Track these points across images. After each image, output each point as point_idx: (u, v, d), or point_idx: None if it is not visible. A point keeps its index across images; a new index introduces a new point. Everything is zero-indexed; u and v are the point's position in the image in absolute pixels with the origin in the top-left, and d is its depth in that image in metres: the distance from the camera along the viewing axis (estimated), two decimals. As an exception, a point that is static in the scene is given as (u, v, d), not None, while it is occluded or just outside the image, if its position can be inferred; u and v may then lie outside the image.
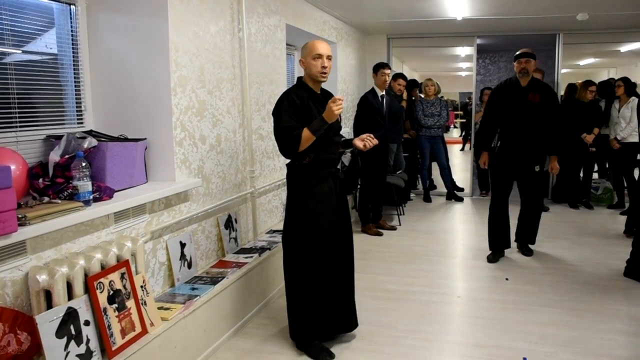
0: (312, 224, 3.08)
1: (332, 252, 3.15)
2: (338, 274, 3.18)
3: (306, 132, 2.93)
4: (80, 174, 2.43)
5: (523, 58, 4.58)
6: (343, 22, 6.78)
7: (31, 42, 2.80)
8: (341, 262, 3.22)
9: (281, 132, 2.97)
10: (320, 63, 3.06)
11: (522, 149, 4.67)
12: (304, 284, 3.11)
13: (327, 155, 3.14)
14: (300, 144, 2.93)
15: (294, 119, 2.97)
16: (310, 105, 3.06)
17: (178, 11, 3.14)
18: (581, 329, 3.45)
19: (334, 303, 3.18)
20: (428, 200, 7.71)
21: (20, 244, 2.16)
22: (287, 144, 2.97)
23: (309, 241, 3.08)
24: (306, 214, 3.08)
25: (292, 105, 3.00)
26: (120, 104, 3.14)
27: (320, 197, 3.10)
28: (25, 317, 2.13)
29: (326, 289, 3.14)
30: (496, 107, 4.80)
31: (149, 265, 3.00)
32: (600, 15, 6.32)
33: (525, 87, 4.62)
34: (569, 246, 5.31)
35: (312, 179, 3.10)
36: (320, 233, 3.09)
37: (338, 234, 3.20)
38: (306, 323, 3.13)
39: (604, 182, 7.38)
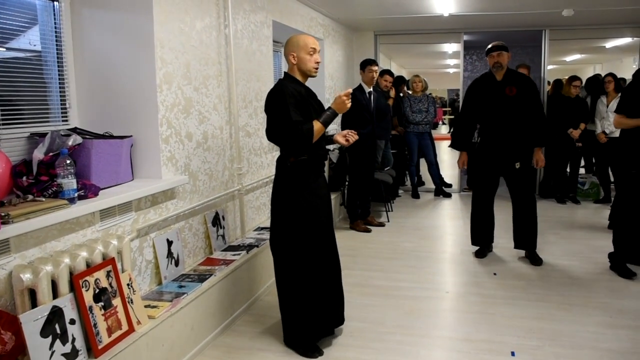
0: (313, 220, 3.06)
1: (329, 247, 3.17)
2: (332, 269, 3.20)
3: (317, 125, 2.95)
4: (65, 172, 2.40)
5: (495, 52, 4.49)
6: (330, 19, 6.77)
7: (14, 39, 2.77)
8: (332, 257, 3.23)
9: (292, 127, 2.89)
10: (315, 58, 3.08)
11: (502, 145, 4.57)
12: (304, 283, 3.07)
13: (322, 151, 3.16)
14: (313, 137, 2.93)
15: (300, 114, 2.94)
16: (307, 99, 3.05)
17: (163, 7, 3.11)
18: (568, 322, 3.47)
19: (331, 298, 3.19)
20: (416, 196, 7.73)
21: (4, 243, 2.13)
22: (299, 139, 2.90)
23: (309, 238, 3.06)
24: (306, 209, 3.05)
25: (293, 98, 2.95)
26: (105, 101, 3.11)
27: (318, 193, 3.11)
28: (9, 317, 2.10)
29: (324, 285, 3.13)
30: (472, 103, 4.74)
31: (135, 263, 2.98)
32: (585, 11, 6.36)
33: (501, 81, 4.53)
34: (556, 241, 5.35)
35: (310, 175, 3.09)
36: (320, 229, 3.10)
37: (328, 231, 3.20)
38: (305, 323, 3.09)
39: (591, 177, 7.43)
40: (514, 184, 4.62)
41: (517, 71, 4.72)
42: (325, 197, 3.19)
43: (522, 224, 4.71)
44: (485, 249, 4.96)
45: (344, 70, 7.58)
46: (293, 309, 3.12)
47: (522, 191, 4.65)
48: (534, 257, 4.69)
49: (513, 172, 4.61)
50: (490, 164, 4.68)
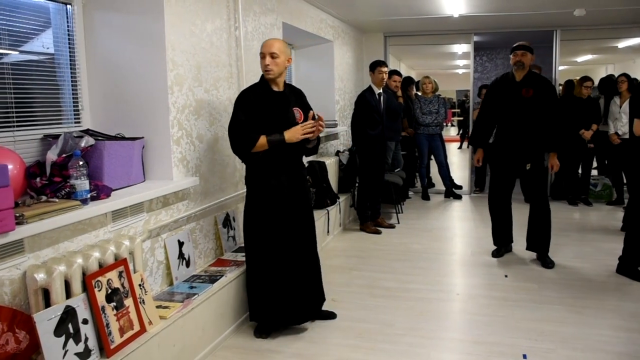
0: (263, 220, 3.26)
1: (284, 248, 3.29)
2: (293, 265, 3.31)
3: (262, 140, 3.13)
4: (78, 173, 2.42)
5: (519, 50, 4.49)
6: (340, 20, 6.78)
7: (28, 42, 2.80)
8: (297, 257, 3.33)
9: (238, 128, 3.14)
10: (265, 61, 3.19)
11: (515, 145, 4.57)
12: (256, 270, 3.32)
13: (283, 152, 3.23)
14: (253, 147, 3.13)
15: (248, 118, 3.13)
16: (264, 104, 3.19)
17: (174, 10, 3.13)
18: (581, 325, 3.45)
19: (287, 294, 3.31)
20: (426, 198, 7.71)
21: (18, 243, 2.16)
22: (241, 142, 3.14)
23: (260, 237, 3.30)
24: (253, 208, 3.29)
25: (248, 102, 3.17)
26: (117, 103, 3.13)
27: (271, 193, 3.25)
28: (23, 316, 2.12)
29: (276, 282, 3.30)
30: (491, 102, 4.75)
31: (147, 264, 3.00)
32: (597, 11, 6.32)
33: (520, 82, 4.53)
34: (568, 243, 5.31)
35: (265, 175, 3.25)
36: (270, 229, 3.27)
37: (293, 230, 3.31)
38: (256, 304, 3.35)
39: (603, 178, 7.38)
40: (526, 185, 4.63)
41: (538, 74, 4.68)
42: (280, 199, 3.27)
43: (534, 227, 4.71)
44: (503, 249, 4.94)
45: (354, 72, 7.58)
46: (252, 293, 3.38)
47: (534, 193, 4.64)
48: (545, 260, 4.65)
49: (525, 173, 4.60)
50: (504, 163, 4.68)
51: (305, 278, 3.37)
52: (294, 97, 3.37)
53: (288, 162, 3.29)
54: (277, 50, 3.19)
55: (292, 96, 3.36)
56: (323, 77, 6.52)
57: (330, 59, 6.52)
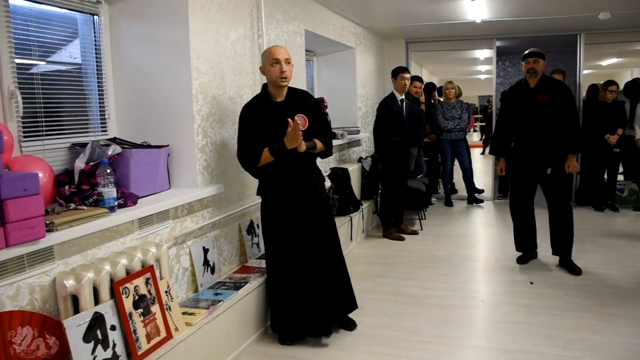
0: (278, 228, 3.27)
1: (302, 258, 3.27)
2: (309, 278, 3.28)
3: (265, 153, 3.14)
4: (105, 181, 2.46)
5: (531, 58, 4.48)
6: (362, 27, 6.79)
7: (56, 52, 2.86)
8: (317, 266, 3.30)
9: (241, 146, 3.18)
10: (279, 68, 3.14)
11: (534, 151, 4.54)
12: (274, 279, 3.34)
13: (289, 161, 3.22)
14: (258, 162, 3.14)
15: (252, 134, 3.15)
16: (264, 116, 3.18)
17: (199, 18, 3.17)
18: (609, 333, 3.39)
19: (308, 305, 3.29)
20: (449, 204, 7.65)
21: (48, 250, 2.19)
22: (246, 160, 3.19)
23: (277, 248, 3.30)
24: (267, 219, 3.31)
25: (249, 116, 3.18)
26: (143, 111, 3.18)
27: (279, 205, 3.26)
28: (53, 322, 2.16)
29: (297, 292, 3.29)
30: (508, 110, 4.73)
31: (172, 270, 3.03)
32: (623, 14, 6.23)
33: (534, 88, 4.50)
34: (595, 249, 5.23)
35: (270, 186, 3.27)
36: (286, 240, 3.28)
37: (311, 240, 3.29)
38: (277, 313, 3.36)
39: (630, 184, 7.25)
40: (548, 190, 4.59)
41: (551, 78, 4.66)
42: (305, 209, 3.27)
43: (557, 230, 4.66)
44: (527, 256, 4.89)
45: (376, 79, 7.58)
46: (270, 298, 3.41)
47: (556, 197, 4.59)
48: (570, 266, 4.59)
49: (546, 178, 4.56)
50: (524, 170, 4.64)
51: (328, 286, 3.33)
52: (296, 102, 3.29)
53: (296, 171, 3.26)
54: (289, 56, 3.20)
55: (295, 102, 3.29)
56: (345, 84, 6.53)
57: (352, 65, 6.53)
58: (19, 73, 2.52)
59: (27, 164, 2.37)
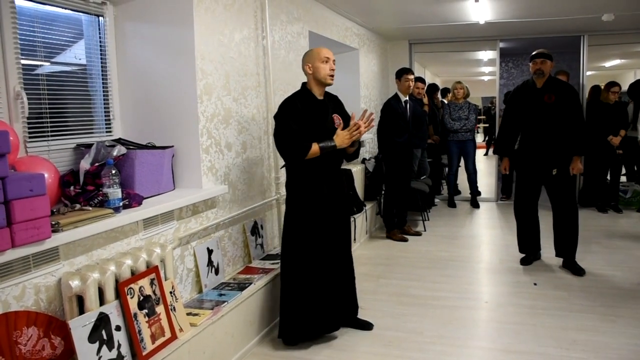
0: (305, 229, 3.23)
1: (323, 257, 3.27)
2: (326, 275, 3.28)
3: (315, 148, 3.11)
4: (110, 182, 2.46)
5: (538, 59, 4.48)
6: (365, 29, 6.79)
7: (61, 53, 2.86)
8: (336, 266, 3.33)
9: (290, 137, 3.11)
10: (329, 66, 3.21)
11: (540, 152, 4.53)
12: (292, 278, 3.28)
13: (325, 159, 3.22)
14: (307, 154, 3.10)
15: (299, 127, 3.12)
16: (309, 113, 3.19)
17: (203, 20, 3.18)
18: (614, 334, 3.38)
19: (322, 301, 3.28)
20: (453, 205, 7.64)
21: (54, 250, 2.20)
22: (293, 152, 3.12)
23: (301, 246, 3.25)
24: (300, 219, 3.24)
25: (296, 110, 3.16)
26: (147, 112, 3.18)
27: (314, 202, 3.23)
28: (58, 322, 2.17)
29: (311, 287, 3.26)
30: (513, 110, 4.73)
31: (177, 271, 3.03)
32: (626, 15, 6.22)
33: (541, 88, 4.50)
34: (599, 250, 5.22)
35: (307, 184, 3.23)
36: (311, 239, 3.24)
37: (332, 240, 3.30)
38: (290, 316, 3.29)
39: (633, 185, 7.25)
40: (553, 191, 4.58)
41: (558, 79, 4.65)
42: (330, 208, 3.27)
43: (560, 231, 4.66)
44: (531, 257, 4.88)
45: (379, 80, 7.58)
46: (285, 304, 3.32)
47: (561, 198, 4.58)
48: (574, 267, 4.58)
49: (551, 179, 4.55)
50: (529, 171, 4.64)
51: (342, 286, 3.37)
52: (332, 104, 3.37)
53: (329, 170, 3.29)
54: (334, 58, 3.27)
55: (331, 103, 3.36)
56: (349, 85, 6.54)
57: (355, 66, 6.54)
58: (24, 74, 2.53)
59: (33, 165, 2.38)
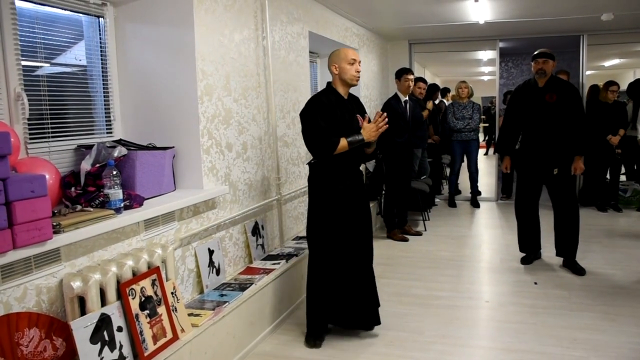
0: (331, 222, 3.26)
1: (349, 250, 3.31)
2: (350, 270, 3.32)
3: (343, 142, 3.16)
4: (111, 183, 2.47)
5: (540, 58, 4.47)
6: (365, 29, 6.79)
7: (61, 54, 2.87)
8: (359, 260, 3.35)
9: (319, 133, 3.14)
10: (356, 68, 3.26)
11: (541, 151, 4.54)
12: (318, 274, 3.31)
13: (349, 156, 3.27)
14: (335, 150, 3.14)
15: (327, 123, 3.16)
16: (336, 110, 3.23)
17: (203, 21, 3.18)
18: (614, 333, 3.38)
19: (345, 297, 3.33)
20: (453, 205, 7.65)
21: (55, 252, 2.20)
22: (323, 147, 3.15)
23: (326, 238, 3.27)
24: (326, 211, 3.26)
25: (324, 107, 3.19)
26: (148, 113, 3.19)
27: (341, 196, 3.27)
28: (60, 323, 2.17)
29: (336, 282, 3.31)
30: (515, 109, 4.73)
31: (178, 272, 3.03)
32: (625, 15, 6.23)
33: (542, 88, 4.50)
34: (599, 249, 5.22)
35: (333, 178, 3.26)
36: (337, 231, 3.27)
37: (357, 233, 3.34)
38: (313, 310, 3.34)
39: (633, 184, 7.25)
40: (554, 191, 4.59)
41: (560, 78, 4.64)
42: (350, 202, 3.31)
43: (561, 231, 4.66)
44: (531, 256, 4.89)
45: (379, 80, 7.58)
46: (309, 294, 3.38)
47: (562, 198, 4.59)
48: (574, 266, 4.59)
49: (552, 179, 4.56)
50: (531, 169, 4.64)
51: (364, 283, 3.39)
52: (355, 104, 3.43)
53: (351, 168, 3.34)
54: None
55: (354, 103, 3.42)
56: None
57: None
58: (25, 75, 2.53)
59: (33, 166, 2.39)
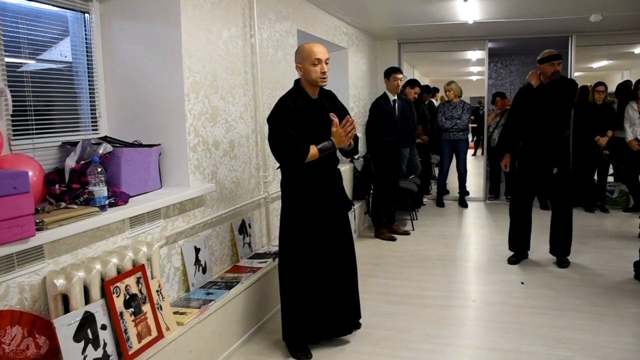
0: (303, 229, 3.09)
1: (324, 257, 3.15)
2: (330, 278, 3.18)
3: (313, 150, 2.97)
4: (96, 180, 2.44)
5: (556, 60, 4.46)
6: (354, 28, 6.79)
7: (46, 50, 2.84)
8: (337, 266, 3.21)
9: (286, 141, 2.95)
10: (320, 69, 3.00)
11: (540, 149, 4.58)
12: (295, 286, 3.14)
13: (321, 162, 3.09)
14: (305, 158, 2.96)
15: (295, 129, 2.97)
16: (305, 113, 3.04)
17: (190, 18, 3.16)
18: (600, 333, 3.41)
19: (327, 306, 3.19)
20: (441, 205, 7.67)
21: (38, 249, 2.18)
22: (291, 156, 2.98)
23: (299, 247, 3.10)
24: (298, 218, 3.10)
25: (291, 113, 2.99)
26: (134, 110, 3.16)
27: (310, 203, 3.09)
28: (43, 321, 2.14)
29: (317, 293, 3.16)
30: (519, 107, 4.75)
31: (164, 270, 3.01)
32: (614, 16, 6.26)
33: (545, 85, 4.52)
34: (585, 250, 5.25)
35: (303, 185, 3.09)
36: (310, 238, 3.11)
37: (332, 239, 3.18)
38: (295, 324, 3.16)
39: (620, 185, 7.30)
40: (552, 191, 4.65)
41: (564, 77, 4.65)
42: (322, 209, 3.13)
43: (556, 230, 4.75)
44: (520, 256, 4.93)
45: (368, 79, 7.58)
46: (287, 307, 3.18)
47: (558, 200, 4.67)
48: (561, 260, 4.73)
49: (551, 178, 4.61)
50: (530, 169, 4.69)
51: (343, 292, 3.25)
52: (327, 101, 3.22)
53: (325, 171, 3.16)
54: (328, 56, 3.07)
55: (326, 101, 3.21)
56: (337, 84, 6.51)
57: (344, 66, 6.53)
58: (8, 71, 2.50)
59: (17, 163, 2.36)
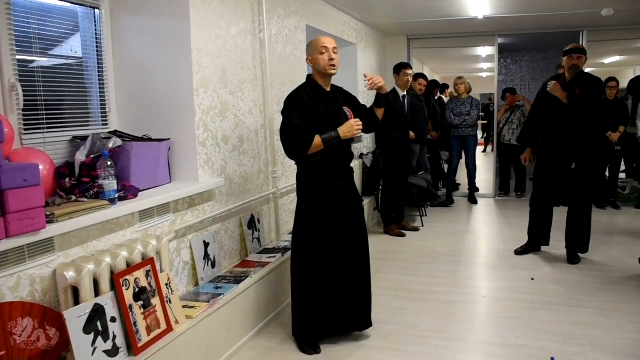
0: (318, 224, 3.10)
1: (339, 253, 3.16)
2: (343, 273, 3.18)
3: (317, 140, 2.97)
4: (106, 173, 2.46)
5: (575, 54, 4.44)
6: (363, 24, 6.78)
7: (57, 46, 2.85)
8: (351, 263, 3.21)
9: (291, 132, 2.97)
10: (328, 56, 3.05)
11: (562, 145, 4.57)
12: (308, 281, 3.14)
13: (336, 155, 3.12)
14: (309, 149, 2.96)
15: (304, 121, 2.99)
16: (319, 104, 3.07)
17: (200, 13, 3.16)
18: (610, 329, 3.38)
19: (339, 301, 3.19)
20: (451, 201, 7.64)
21: (49, 241, 2.19)
22: (295, 146, 2.99)
23: (314, 242, 3.11)
24: (313, 214, 3.11)
25: (301, 104, 3.02)
26: (144, 105, 3.17)
27: (328, 197, 3.11)
28: (53, 313, 2.16)
29: (329, 287, 3.16)
30: (542, 102, 4.73)
31: (173, 264, 3.02)
32: (626, 11, 6.21)
33: (569, 82, 4.50)
34: (596, 246, 5.21)
35: (320, 179, 3.11)
36: (325, 234, 3.11)
37: (347, 235, 3.18)
38: (305, 319, 3.17)
39: (632, 181, 7.24)
40: (570, 186, 4.66)
41: (587, 73, 4.64)
42: (343, 202, 3.15)
43: (572, 225, 4.74)
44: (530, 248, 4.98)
45: (377, 75, 7.53)
46: (298, 302, 3.20)
47: (577, 195, 4.66)
48: (573, 255, 4.71)
49: (569, 173, 4.61)
50: (551, 164, 4.68)
51: (356, 288, 3.24)
52: (341, 96, 3.26)
53: (341, 168, 3.18)
54: (337, 46, 3.11)
55: (340, 95, 3.25)
56: (346, 80, 6.50)
57: (353, 62, 6.52)
58: (19, 66, 2.51)
59: (28, 156, 2.37)
